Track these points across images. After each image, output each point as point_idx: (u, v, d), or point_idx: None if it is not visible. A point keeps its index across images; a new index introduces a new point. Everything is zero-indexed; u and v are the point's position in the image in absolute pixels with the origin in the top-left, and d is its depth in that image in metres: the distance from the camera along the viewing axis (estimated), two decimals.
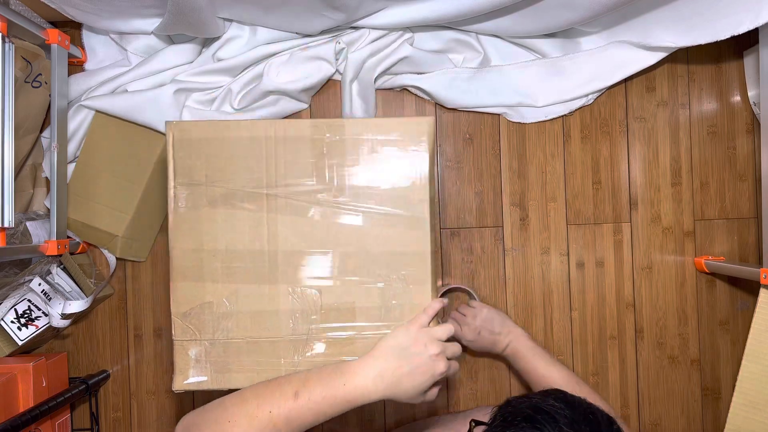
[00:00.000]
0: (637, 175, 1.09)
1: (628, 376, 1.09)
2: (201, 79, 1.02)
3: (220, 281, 0.69)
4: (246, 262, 0.69)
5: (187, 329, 0.69)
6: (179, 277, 0.69)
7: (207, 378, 0.69)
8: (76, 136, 1.01)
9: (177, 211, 0.69)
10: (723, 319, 1.09)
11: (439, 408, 1.08)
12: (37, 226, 0.98)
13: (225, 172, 0.69)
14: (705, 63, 1.09)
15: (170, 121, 0.70)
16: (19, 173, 1.01)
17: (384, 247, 0.68)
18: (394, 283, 0.69)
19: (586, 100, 1.07)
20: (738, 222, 1.09)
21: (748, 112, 1.09)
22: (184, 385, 0.69)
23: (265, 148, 0.68)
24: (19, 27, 0.86)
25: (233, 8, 0.93)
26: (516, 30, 1.00)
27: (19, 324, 0.94)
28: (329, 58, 1.01)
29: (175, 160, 0.69)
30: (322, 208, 0.68)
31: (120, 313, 1.09)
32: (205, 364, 0.69)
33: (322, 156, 0.69)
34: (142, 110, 0.98)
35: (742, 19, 0.83)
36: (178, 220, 0.69)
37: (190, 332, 0.69)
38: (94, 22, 0.98)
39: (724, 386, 1.09)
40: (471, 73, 1.04)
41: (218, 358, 0.69)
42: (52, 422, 0.96)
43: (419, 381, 0.62)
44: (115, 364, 1.09)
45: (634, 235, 1.09)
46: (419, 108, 1.09)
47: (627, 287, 1.09)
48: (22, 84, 0.90)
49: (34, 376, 0.91)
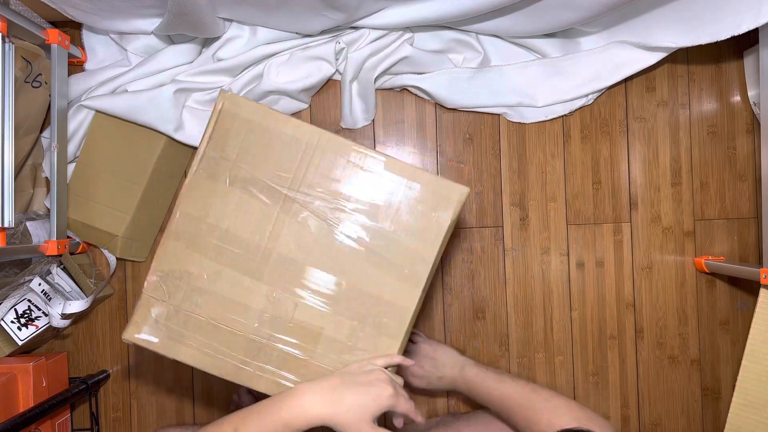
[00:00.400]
0: (637, 175, 1.09)
1: (628, 376, 1.09)
2: (201, 79, 1.02)
3: (209, 257, 0.69)
4: (240, 249, 0.69)
5: (159, 288, 0.69)
6: (172, 236, 0.69)
7: (158, 340, 0.69)
8: (76, 136, 1.01)
9: (196, 175, 0.69)
10: (723, 319, 1.09)
11: (439, 409, 1.08)
12: (37, 226, 0.98)
13: (256, 158, 0.69)
14: (705, 63, 1.09)
15: (225, 91, 0.70)
16: (19, 173, 1.01)
17: (373, 289, 0.68)
18: (367, 326, 0.68)
19: (586, 100, 1.07)
20: (738, 222, 1.09)
21: (748, 112, 1.09)
22: (134, 338, 0.69)
23: (303, 152, 0.68)
24: (19, 27, 0.86)
25: (233, 8, 0.93)
26: (516, 30, 1.00)
27: (19, 324, 0.94)
28: (329, 58, 1.01)
29: (214, 129, 0.69)
30: (330, 229, 0.68)
31: (120, 313, 1.09)
32: (162, 327, 0.69)
33: (352, 182, 0.68)
34: (142, 110, 0.98)
35: (742, 19, 0.83)
36: (194, 184, 0.69)
37: (161, 292, 0.69)
38: (94, 22, 0.98)
39: (724, 386, 1.09)
40: (471, 73, 1.04)
41: (176, 327, 0.68)
42: (52, 422, 0.96)
43: (364, 400, 0.60)
44: (115, 364, 1.09)
45: (634, 235, 1.09)
46: (419, 108, 1.09)
47: (627, 287, 1.09)
48: (22, 84, 0.90)
49: (34, 376, 0.91)
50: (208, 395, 1.09)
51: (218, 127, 0.69)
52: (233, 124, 0.69)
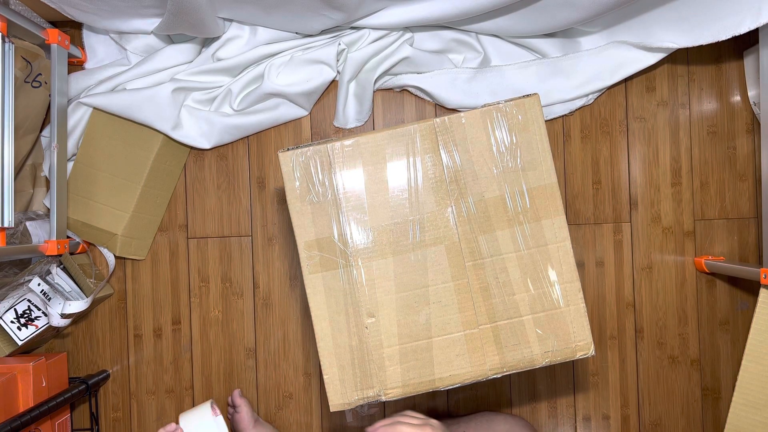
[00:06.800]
0: (637, 175, 1.09)
1: (628, 376, 1.09)
2: (200, 78, 1.02)
3: None
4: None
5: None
6: None
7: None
8: (74, 134, 1.01)
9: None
10: (723, 319, 1.09)
11: (439, 411, 1.08)
12: (37, 226, 0.98)
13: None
14: (705, 63, 1.09)
15: None
16: (19, 173, 1.01)
17: None
18: None
19: (586, 100, 1.07)
20: (738, 222, 1.09)
21: (748, 112, 1.09)
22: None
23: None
24: (19, 27, 0.86)
25: (233, 8, 0.93)
26: (516, 30, 1.00)
27: (19, 324, 0.94)
28: (330, 61, 1.01)
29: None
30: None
31: (120, 313, 1.09)
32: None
33: None
34: (140, 108, 0.98)
35: (742, 19, 0.83)
36: None
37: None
38: (94, 21, 0.98)
39: (724, 386, 1.09)
40: (471, 74, 1.04)
41: None
42: (52, 422, 0.96)
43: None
44: (115, 364, 1.09)
45: (634, 235, 1.09)
46: (419, 108, 1.09)
47: (627, 287, 1.09)
48: (22, 84, 0.90)
49: (34, 376, 0.91)
50: (208, 395, 1.09)
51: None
52: None
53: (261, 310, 1.09)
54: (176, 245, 1.09)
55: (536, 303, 0.69)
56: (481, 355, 0.69)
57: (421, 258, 0.69)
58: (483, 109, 0.71)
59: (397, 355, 0.69)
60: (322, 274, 0.69)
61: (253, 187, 1.09)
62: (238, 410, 0.99)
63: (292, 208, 0.70)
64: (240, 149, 1.09)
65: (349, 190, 0.69)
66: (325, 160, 0.69)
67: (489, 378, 0.69)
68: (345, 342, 0.69)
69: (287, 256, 1.09)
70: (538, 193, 0.70)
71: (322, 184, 0.70)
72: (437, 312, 0.69)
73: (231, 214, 1.09)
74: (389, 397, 0.69)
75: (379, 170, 0.69)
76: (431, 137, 0.70)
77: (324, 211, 0.69)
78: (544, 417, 1.09)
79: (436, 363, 0.69)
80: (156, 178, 1.04)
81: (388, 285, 0.69)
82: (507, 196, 0.70)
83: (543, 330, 0.69)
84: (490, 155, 0.70)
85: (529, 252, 0.70)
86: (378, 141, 0.70)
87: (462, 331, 0.69)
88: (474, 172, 0.70)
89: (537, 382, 1.09)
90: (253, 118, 1.04)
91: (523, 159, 0.70)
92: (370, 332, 0.69)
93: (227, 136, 1.06)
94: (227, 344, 1.09)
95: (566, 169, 1.09)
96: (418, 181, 0.69)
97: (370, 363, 0.69)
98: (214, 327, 1.09)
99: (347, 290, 0.69)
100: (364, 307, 0.69)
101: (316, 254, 0.69)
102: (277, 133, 1.09)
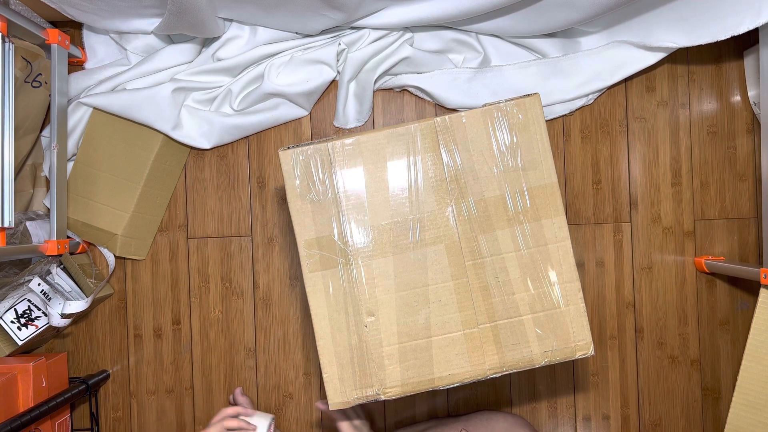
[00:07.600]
0: (637, 175, 1.09)
1: (628, 376, 1.09)
2: (200, 78, 1.02)
3: None
4: None
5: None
6: None
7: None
8: (74, 134, 1.01)
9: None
10: (723, 319, 1.09)
11: (439, 411, 1.08)
12: (37, 226, 0.98)
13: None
14: (705, 63, 1.09)
15: None
16: (19, 173, 1.01)
17: None
18: None
19: (586, 100, 1.07)
20: (738, 222, 1.09)
21: (748, 112, 1.09)
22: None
23: None
24: (19, 27, 0.86)
25: (233, 8, 0.93)
26: (516, 30, 1.00)
27: (19, 324, 0.94)
28: (330, 62, 1.01)
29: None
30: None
31: (120, 313, 1.09)
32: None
33: None
34: (140, 108, 0.98)
35: (742, 19, 0.83)
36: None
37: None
38: (94, 21, 0.98)
39: (724, 386, 1.09)
40: (471, 74, 1.04)
41: None
42: (52, 422, 0.96)
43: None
44: (115, 364, 1.09)
45: (634, 235, 1.09)
46: (419, 108, 1.09)
47: (627, 287, 1.09)
48: (22, 84, 0.90)
49: (34, 376, 0.91)
50: (208, 395, 1.09)
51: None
52: None
53: (261, 310, 1.09)
54: (176, 245, 1.09)
55: (536, 303, 0.69)
56: (481, 354, 0.69)
57: (421, 257, 0.69)
58: (484, 108, 0.71)
59: (397, 354, 0.69)
60: (322, 273, 0.69)
61: (253, 187, 1.09)
62: None
63: (293, 206, 0.70)
64: (240, 149, 1.09)
65: (350, 188, 0.69)
66: (326, 158, 0.69)
67: (488, 377, 0.69)
68: (345, 341, 0.69)
69: (287, 256, 1.09)
70: (538, 193, 0.70)
71: (323, 183, 0.69)
72: (437, 311, 0.69)
73: (231, 214, 1.09)
74: (388, 396, 0.69)
75: (379, 169, 0.69)
76: (432, 136, 0.70)
77: (324, 209, 0.69)
78: (544, 417, 1.09)
79: (435, 362, 0.69)
80: (156, 178, 1.04)
81: (388, 284, 0.69)
82: (507, 196, 0.70)
83: (542, 330, 0.69)
84: (491, 155, 0.70)
85: (529, 252, 0.70)
86: (378, 140, 0.70)
87: (461, 331, 0.69)
88: (474, 171, 0.70)
89: (537, 381, 1.09)
90: (253, 118, 1.04)
91: (524, 158, 0.70)
92: (369, 331, 0.69)
93: (227, 136, 1.06)
94: (227, 344, 1.09)
95: (566, 168, 1.09)
96: (418, 181, 0.69)
97: (370, 362, 0.69)
98: (214, 327, 1.09)
99: (347, 289, 0.69)
100: (364, 305, 0.69)
101: (316, 253, 0.69)
102: (277, 133, 1.09)
